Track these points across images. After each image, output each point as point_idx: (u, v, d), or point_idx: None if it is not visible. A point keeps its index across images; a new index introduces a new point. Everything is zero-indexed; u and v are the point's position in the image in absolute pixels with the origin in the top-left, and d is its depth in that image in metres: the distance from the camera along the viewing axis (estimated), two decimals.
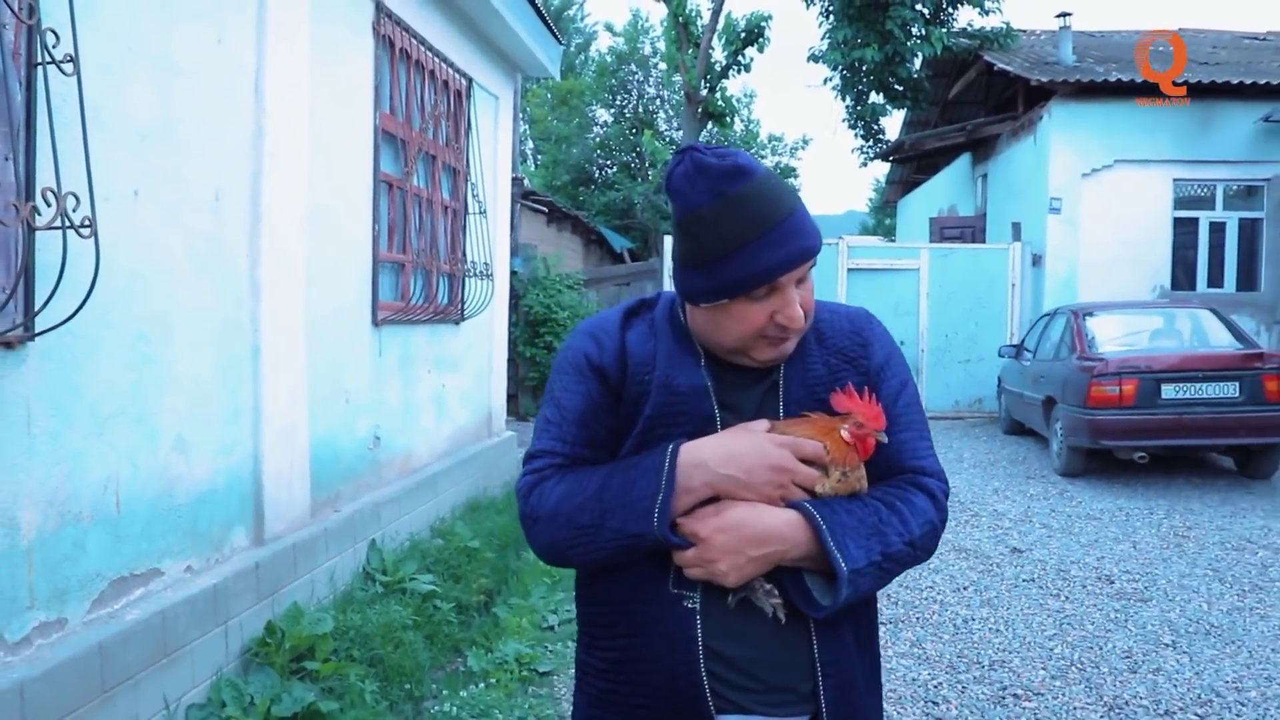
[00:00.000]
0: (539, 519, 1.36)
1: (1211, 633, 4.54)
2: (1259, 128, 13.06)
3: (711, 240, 1.29)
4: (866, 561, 1.29)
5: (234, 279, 3.70)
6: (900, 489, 1.40)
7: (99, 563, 2.93)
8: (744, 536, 1.28)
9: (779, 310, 1.31)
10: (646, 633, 1.36)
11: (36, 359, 2.65)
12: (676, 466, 1.30)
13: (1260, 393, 7.46)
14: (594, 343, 1.42)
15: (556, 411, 1.42)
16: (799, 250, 1.29)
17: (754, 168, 1.31)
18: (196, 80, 3.42)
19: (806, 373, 1.42)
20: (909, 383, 1.49)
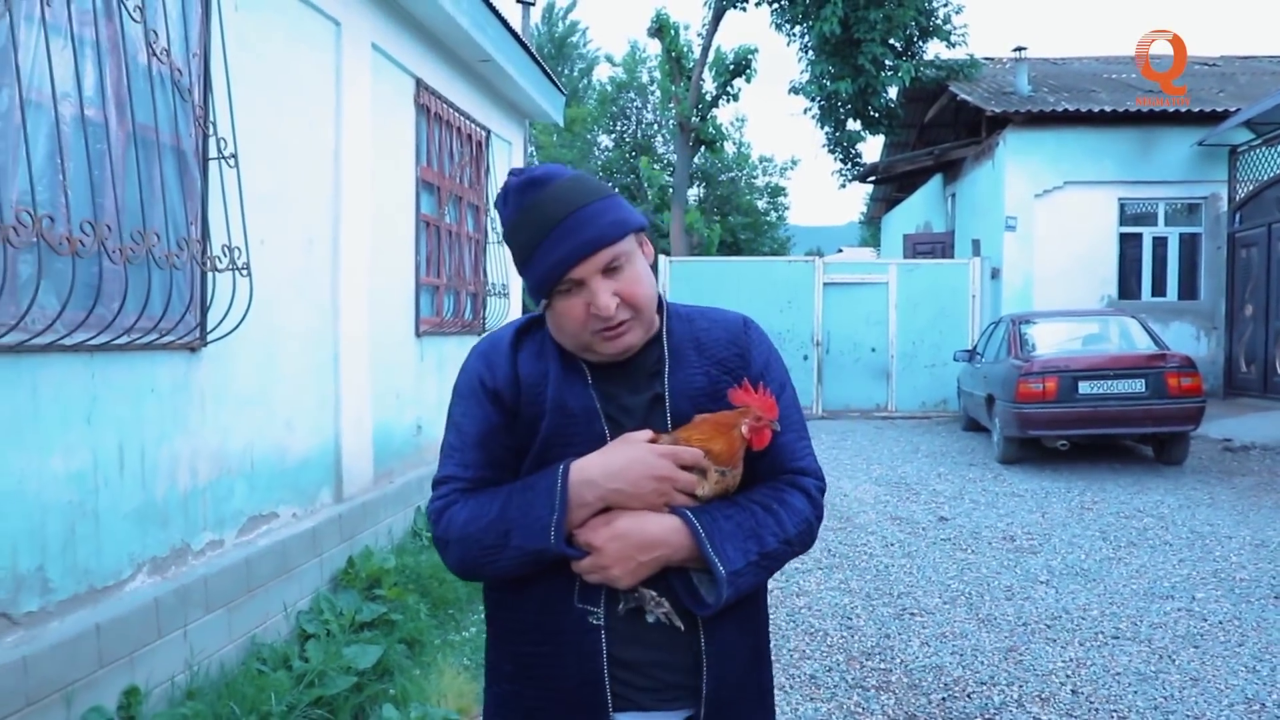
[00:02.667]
0: (449, 542, 1.42)
1: (1080, 574, 5.67)
2: (1196, 151, 14.21)
3: (518, 248, 1.39)
4: (744, 563, 1.37)
5: (320, 303, 4.87)
6: (778, 490, 1.47)
7: (241, 504, 4.09)
8: (632, 543, 1.35)
9: (590, 302, 1.35)
10: (554, 643, 1.42)
11: (207, 359, 3.81)
12: (569, 486, 1.36)
13: (1164, 388, 8.60)
14: (487, 366, 1.47)
15: (457, 437, 1.47)
16: (580, 243, 1.33)
17: (550, 177, 1.39)
18: (297, 157, 4.59)
19: (688, 385, 1.46)
20: (788, 385, 1.54)
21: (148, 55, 3.36)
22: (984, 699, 3.83)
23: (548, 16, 40.33)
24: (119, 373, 3.29)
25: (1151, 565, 5.80)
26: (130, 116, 3.27)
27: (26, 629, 2.86)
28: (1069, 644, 4.46)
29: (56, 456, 3.00)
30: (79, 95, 3.02)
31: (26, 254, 2.76)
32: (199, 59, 3.70)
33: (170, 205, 3.47)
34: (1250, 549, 6.12)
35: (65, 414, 3.04)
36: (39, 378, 2.92)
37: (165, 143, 3.48)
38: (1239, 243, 13.50)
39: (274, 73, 4.34)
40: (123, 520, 3.30)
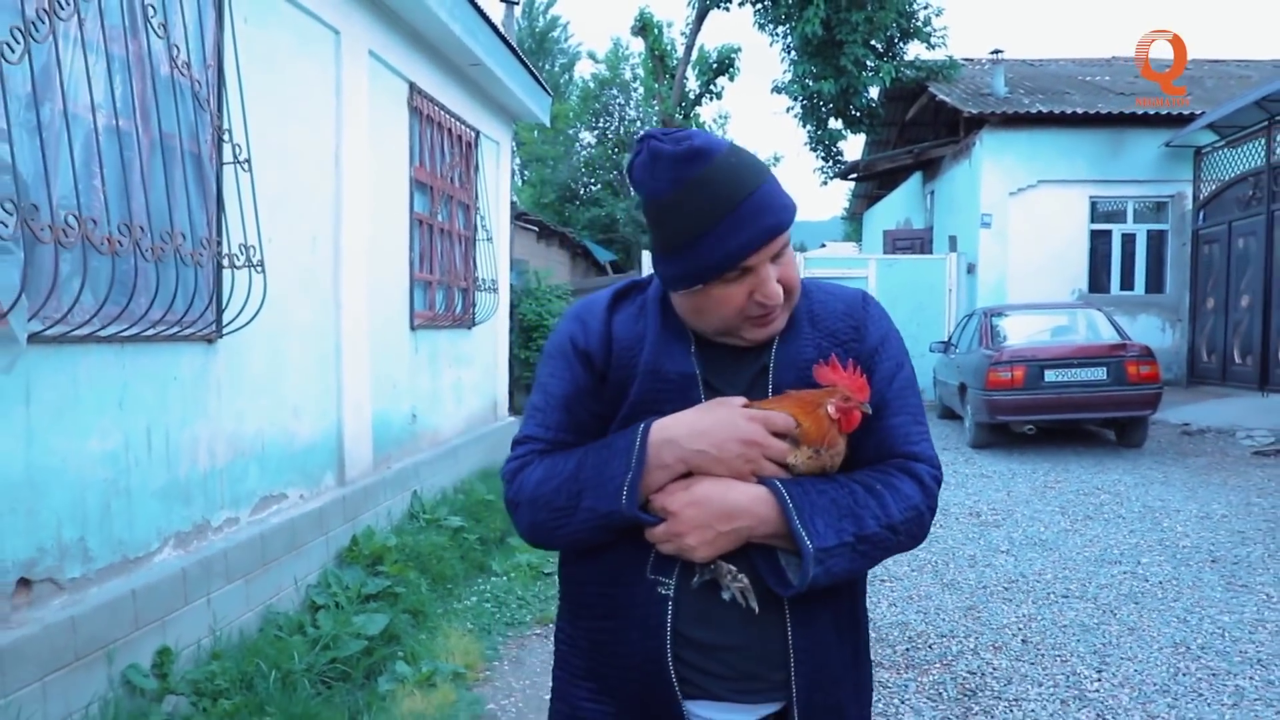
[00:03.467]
0: (520, 504, 1.35)
1: (1038, 544, 6.03)
2: (1164, 151, 14.62)
3: (677, 227, 1.25)
4: (837, 541, 1.24)
5: (324, 298, 5.16)
6: (885, 473, 1.34)
7: (254, 484, 4.38)
8: (712, 511, 1.24)
9: (756, 289, 1.26)
10: (622, 616, 1.33)
11: (223, 350, 4.10)
12: (648, 445, 1.27)
13: (1123, 375, 8.98)
14: (580, 326, 1.39)
15: (543, 397, 1.40)
16: (764, 229, 1.24)
17: (712, 148, 1.26)
18: (301, 160, 4.88)
19: (797, 356, 1.36)
20: (905, 365, 1.42)
21: (170, 68, 3.65)
22: (943, 648, 4.17)
23: (528, 11, 40.52)
24: (147, 362, 3.58)
25: (1104, 535, 6.16)
26: (156, 125, 3.56)
27: (71, 593, 3.15)
28: (1023, 603, 4.81)
29: (94, 438, 3.29)
30: (112, 106, 3.31)
31: (67, 253, 3.05)
32: (213, 69, 3.98)
33: (191, 207, 3.76)
34: (1195, 520, 6.50)
35: (101, 400, 3.33)
36: (78, 366, 3.21)
37: (186, 149, 3.77)
38: (1202, 239, 13.93)
39: (280, 80, 4.63)
40: (151, 497, 3.60)
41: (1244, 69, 19.22)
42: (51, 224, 2.90)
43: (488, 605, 4.93)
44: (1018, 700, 3.62)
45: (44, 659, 2.91)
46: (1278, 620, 4.46)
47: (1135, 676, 3.82)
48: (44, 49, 2.94)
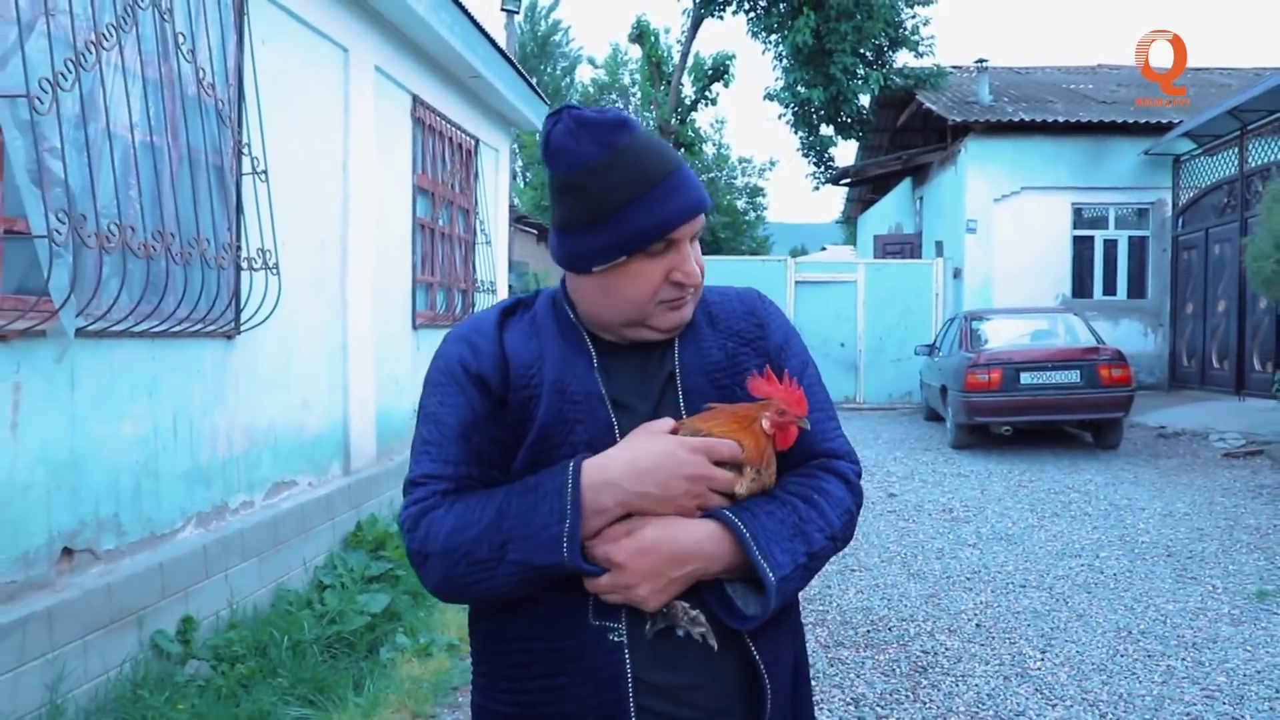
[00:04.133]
0: (430, 555, 1.19)
1: (1005, 539, 6.37)
2: (1144, 159, 14.97)
3: (604, 193, 1.18)
4: (793, 566, 1.19)
5: (332, 299, 5.49)
6: (814, 478, 1.28)
7: (267, 471, 4.71)
8: (663, 557, 1.15)
9: (675, 267, 1.22)
10: (567, 672, 1.20)
11: (240, 346, 4.43)
12: (581, 488, 1.16)
13: (1096, 378, 9.32)
14: (469, 349, 1.27)
15: (435, 430, 1.25)
16: (693, 201, 1.21)
17: (633, 121, 1.23)
18: (312, 169, 5.21)
19: (703, 360, 1.30)
20: (810, 362, 1.38)
21: (196, 88, 3.98)
22: (901, 630, 4.51)
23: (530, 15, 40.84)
24: (174, 356, 3.91)
25: (1068, 531, 6.50)
26: (184, 140, 3.89)
27: (106, 563, 3.48)
28: (982, 591, 5.14)
29: (127, 424, 3.62)
30: (147, 124, 3.64)
31: (108, 256, 3.38)
32: (234, 88, 4.31)
33: (214, 215, 4.09)
34: (1158, 518, 6.84)
35: (134, 389, 3.66)
36: (115, 359, 3.54)
37: (210, 161, 4.10)
38: (1181, 245, 14.29)
39: (293, 96, 4.95)
40: (176, 479, 3.92)
41: (1226, 76, 19.57)
42: (96, 231, 3.23)
43: None
44: (964, 676, 3.95)
45: (84, 620, 3.23)
46: (1218, 609, 4.79)
47: (1076, 657, 4.15)
48: (90, 75, 3.27)
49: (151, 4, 3.65)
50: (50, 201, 3.04)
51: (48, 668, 3.07)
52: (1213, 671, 3.93)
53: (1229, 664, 4.01)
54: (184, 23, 3.88)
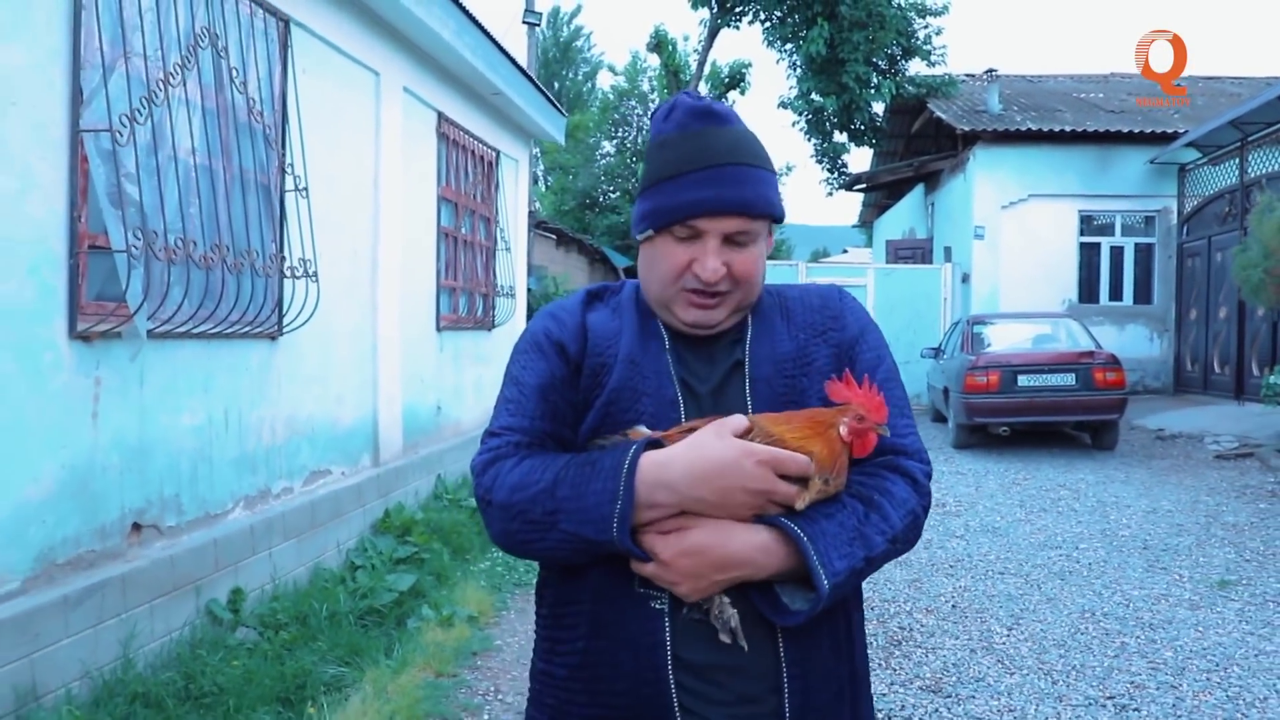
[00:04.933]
0: (492, 504, 1.23)
1: (991, 532, 6.73)
2: (1150, 167, 15.23)
3: (659, 165, 1.24)
4: (848, 572, 1.16)
5: (363, 303, 5.93)
6: (879, 477, 1.25)
7: (305, 460, 5.16)
8: (708, 561, 1.14)
9: (697, 259, 1.22)
10: (609, 636, 1.22)
11: (282, 347, 4.88)
12: (636, 480, 1.15)
13: (1091, 381, 9.65)
14: (554, 321, 1.34)
15: (515, 389, 1.31)
16: (731, 199, 1.20)
17: (728, 116, 1.25)
18: (345, 185, 5.66)
19: (774, 350, 1.30)
20: (887, 356, 1.36)
21: (247, 115, 4.43)
22: (882, 610, 4.90)
23: (553, 21, 41.42)
24: (225, 355, 4.36)
25: (1053, 525, 6.86)
26: (236, 162, 4.34)
27: (169, 538, 3.93)
28: (962, 578, 5.52)
29: (186, 415, 4.07)
30: (205, 149, 4.09)
31: (173, 267, 3.82)
32: (279, 113, 4.76)
33: (262, 228, 4.54)
34: (1142, 514, 7.18)
35: (191, 384, 4.11)
36: (176, 358, 3.99)
37: (257, 181, 4.55)
38: (1186, 252, 14.55)
39: (329, 118, 5.40)
40: (227, 466, 4.37)
41: (1237, 86, 19.76)
42: (165, 245, 3.68)
43: (499, 569, 5.68)
44: (934, 649, 4.34)
45: (151, 587, 3.68)
46: (1179, 595, 5.15)
47: (1039, 634, 4.52)
48: (160, 109, 3.72)
49: (210, 43, 4.10)
50: (127, 220, 3.49)
51: (121, 626, 3.52)
52: (1162, 648, 4.30)
53: (1178, 642, 4.38)
54: (237, 57, 4.33)
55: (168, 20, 3.81)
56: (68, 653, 3.25)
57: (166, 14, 3.80)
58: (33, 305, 3.20)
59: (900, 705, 3.71)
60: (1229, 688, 3.83)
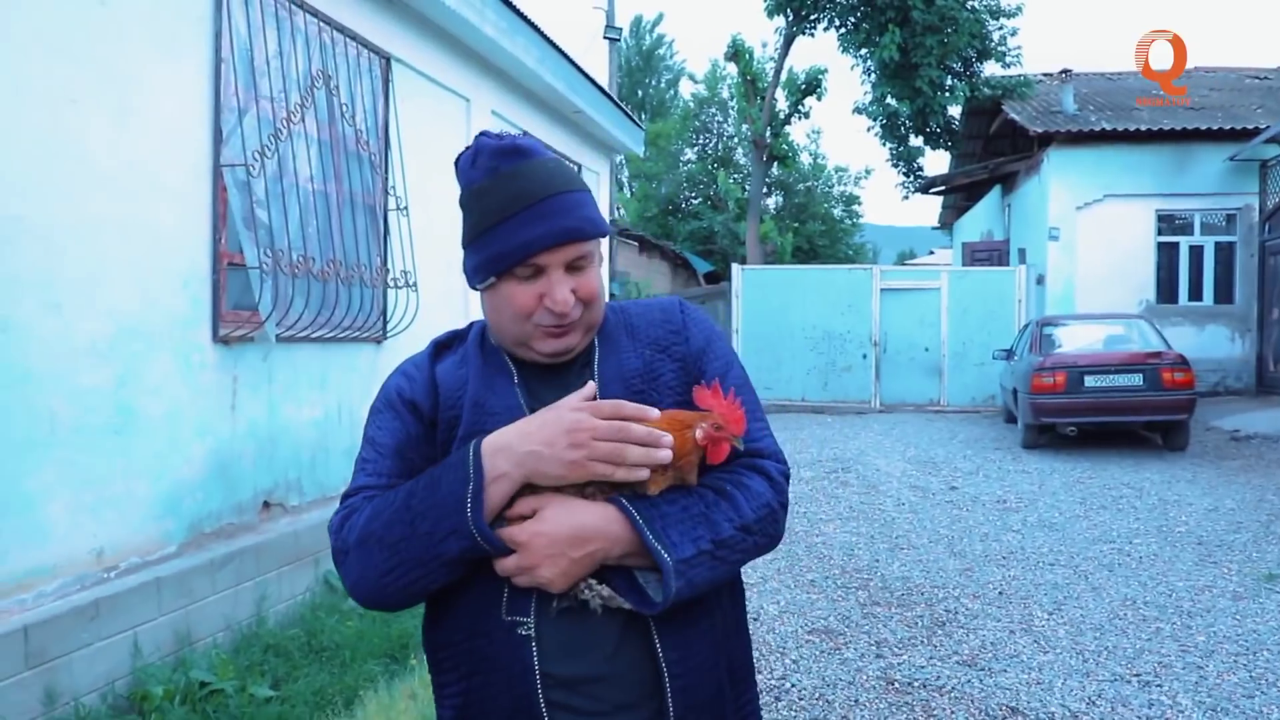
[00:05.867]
0: (349, 550, 1.21)
1: (1048, 527, 6.89)
2: (1230, 165, 14.91)
3: (481, 214, 1.23)
4: (694, 550, 1.18)
5: (455, 310, 6.44)
6: (733, 473, 1.27)
7: None
8: (561, 537, 1.16)
9: (546, 294, 1.22)
10: (484, 671, 1.23)
11: (385, 350, 5.40)
12: (482, 456, 1.17)
13: (1159, 381, 9.63)
14: (405, 379, 1.34)
15: (372, 450, 1.30)
16: (562, 229, 1.21)
17: (533, 150, 1.26)
18: (439, 203, 6.16)
19: (621, 368, 1.31)
20: (735, 363, 1.37)
21: (355, 144, 4.96)
22: (931, 595, 5.17)
23: (635, 31, 42.01)
24: (338, 357, 4.89)
25: (1110, 521, 6.98)
26: (347, 186, 4.87)
27: (292, 516, 4.47)
28: (1013, 568, 5.74)
29: (306, 409, 4.61)
30: (321, 175, 4.63)
31: (296, 280, 4.36)
32: (381, 140, 5.29)
33: (369, 245, 5.06)
34: (1202, 513, 7.23)
35: (310, 382, 4.64)
36: (298, 359, 4.53)
37: (364, 202, 5.08)
38: (1268, 251, 14.22)
39: (426, 142, 5.92)
40: (340, 455, 4.91)
41: None
42: (290, 262, 4.21)
43: None
44: (975, 629, 4.60)
45: (278, 556, 4.22)
46: (1224, 586, 5.28)
47: (1078, 619, 4.74)
48: (284, 144, 4.26)
49: (324, 83, 4.64)
50: (259, 240, 4.03)
51: (255, 589, 4.05)
52: (1196, 634, 4.49)
53: (1214, 629, 4.55)
54: (346, 94, 4.86)
55: (289, 66, 4.35)
56: (213, 608, 3.79)
57: (289, 60, 4.34)
58: (186, 314, 3.75)
59: (936, 676, 4.01)
60: (1254, 669, 4.02)
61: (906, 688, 3.89)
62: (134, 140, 3.47)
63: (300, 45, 4.41)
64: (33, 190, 3.04)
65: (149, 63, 3.55)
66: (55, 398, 3.14)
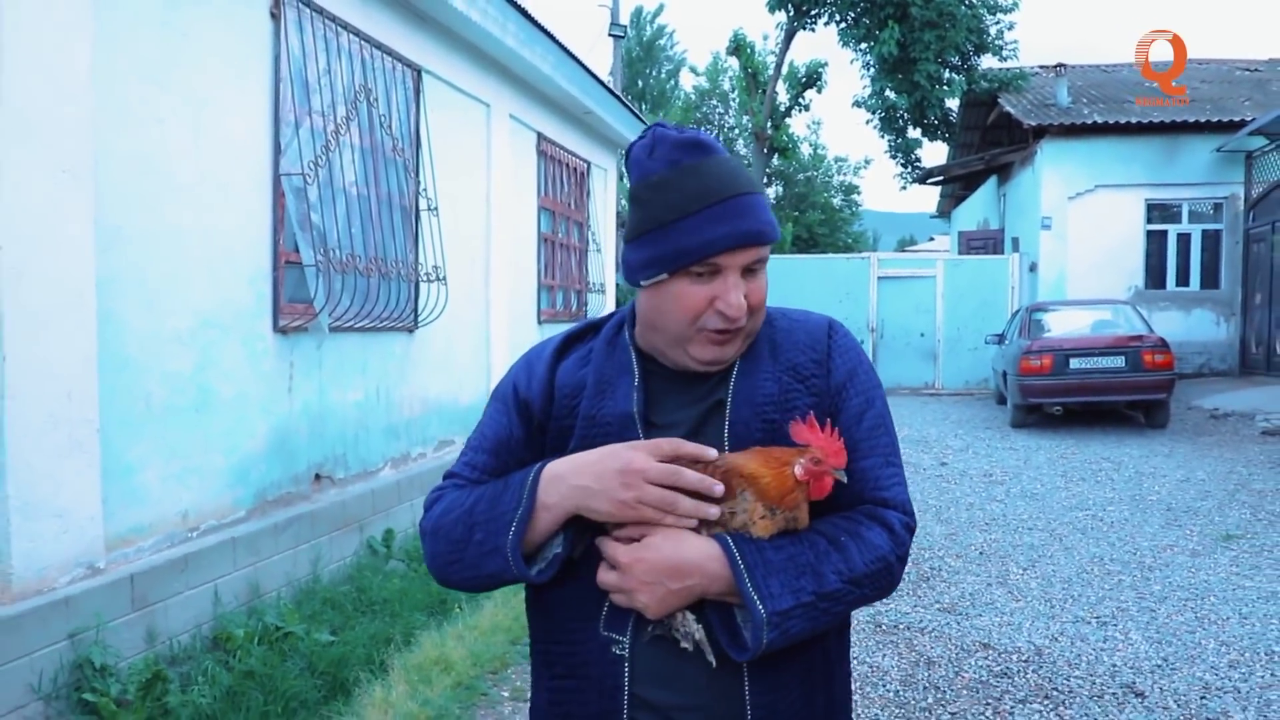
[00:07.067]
0: (426, 533, 1.28)
1: (1029, 497, 7.35)
2: (1218, 155, 15.29)
3: (659, 207, 1.17)
4: (794, 602, 1.13)
5: (478, 301, 6.91)
6: (852, 521, 1.21)
7: (435, 431, 6.15)
8: (661, 566, 1.14)
9: (719, 296, 1.17)
10: (578, 675, 1.24)
11: (418, 339, 5.86)
12: (539, 481, 1.18)
13: (1140, 363, 10.07)
14: (525, 372, 1.32)
15: (479, 437, 1.33)
16: (747, 231, 1.16)
17: (714, 146, 1.21)
18: (464, 202, 6.63)
19: (755, 391, 1.24)
20: (875, 401, 1.28)
21: (391, 150, 5.41)
22: (917, 555, 5.63)
23: (636, 22, 42.29)
24: (377, 345, 5.35)
25: (1089, 492, 7.44)
26: (385, 189, 5.32)
27: (339, 487, 4.94)
28: (993, 533, 6.21)
29: (350, 391, 5.07)
30: (361, 180, 5.08)
31: (344, 277, 4.81)
32: (413, 146, 5.74)
33: (403, 242, 5.52)
34: (1175, 484, 7.69)
35: (354, 367, 5.11)
36: (343, 347, 4.99)
37: (399, 203, 5.53)
38: (1252, 238, 14.62)
39: (451, 146, 6.36)
40: (379, 433, 5.37)
41: None
42: (339, 260, 4.67)
43: None
44: (956, 583, 5.07)
45: (329, 523, 4.69)
46: (1185, 545, 5.74)
47: (1050, 574, 5.21)
48: (333, 153, 4.72)
49: (365, 97, 5.09)
50: (313, 241, 4.49)
51: (311, 550, 4.53)
52: (1154, 584, 4.95)
53: (1170, 579, 5.02)
54: (384, 105, 5.31)
55: (336, 82, 4.80)
56: (277, 566, 4.26)
57: (335, 77, 4.79)
58: (251, 307, 4.22)
59: (919, 620, 4.48)
60: (1200, 611, 4.49)
61: (892, 629, 4.36)
62: (208, 155, 3.93)
63: (345, 63, 4.86)
64: (130, 202, 3.49)
65: (220, 85, 4.00)
66: (150, 381, 3.60)
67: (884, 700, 3.62)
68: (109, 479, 3.38)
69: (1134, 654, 3.99)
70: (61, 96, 3.10)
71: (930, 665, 3.94)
